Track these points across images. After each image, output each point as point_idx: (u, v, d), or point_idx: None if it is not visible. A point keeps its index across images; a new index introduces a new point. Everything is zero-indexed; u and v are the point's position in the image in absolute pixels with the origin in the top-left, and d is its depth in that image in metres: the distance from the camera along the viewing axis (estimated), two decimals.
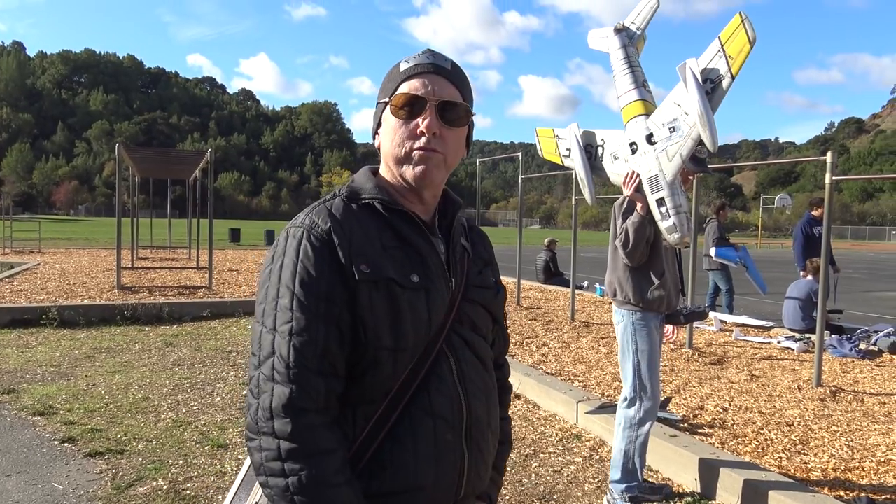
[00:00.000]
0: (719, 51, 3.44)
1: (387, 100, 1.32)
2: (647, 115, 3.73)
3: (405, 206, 1.33)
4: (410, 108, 1.29)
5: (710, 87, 3.43)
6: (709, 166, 3.91)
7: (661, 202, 3.56)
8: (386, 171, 1.37)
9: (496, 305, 1.49)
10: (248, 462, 1.47)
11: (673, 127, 3.51)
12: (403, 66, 1.32)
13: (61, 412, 5.15)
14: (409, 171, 1.30)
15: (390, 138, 1.31)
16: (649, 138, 3.64)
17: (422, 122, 1.28)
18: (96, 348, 7.46)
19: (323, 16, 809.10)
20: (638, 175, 3.64)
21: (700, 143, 3.41)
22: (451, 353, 1.31)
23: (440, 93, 1.30)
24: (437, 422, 1.26)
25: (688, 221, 3.57)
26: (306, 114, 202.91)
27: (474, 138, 1.44)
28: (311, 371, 1.17)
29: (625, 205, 3.81)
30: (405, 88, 1.30)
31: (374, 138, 1.40)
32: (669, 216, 3.55)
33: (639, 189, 3.64)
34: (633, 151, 3.74)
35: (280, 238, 1.28)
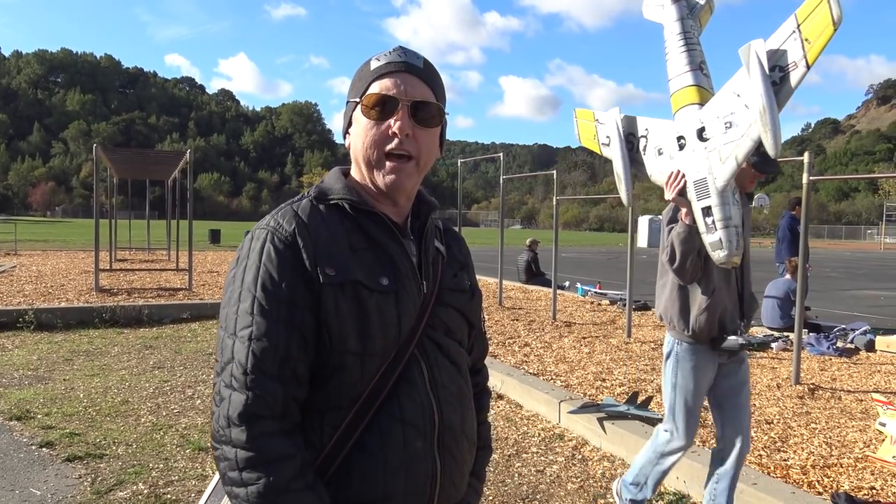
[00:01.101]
0: (794, 31, 2.82)
1: (357, 99, 1.29)
2: (701, 104, 3.15)
3: (376, 207, 1.30)
4: (382, 108, 1.25)
5: (779, 77, 2.84)
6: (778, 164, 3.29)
7: (706, 211, 3.01)
8: (356, 171, 1.34)
9: (472, 309, 1.44)
10: None
11: (729, 122, 2.94)
12: (374, 64, 1.28)
13: (39, 416, 5.08)
14: (381, 179, 1.27)
15: (361, 139, 1.28)
16: (700, 133, 3.07)
17: (394, 124, 1.25)
18: (74, 351, 7.36)
19: (303, 15, 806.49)
20: (683, 176, 3.10)
21: (759, 144, 2.85)
22: (424, 358, 1.28)
23: (412, 92, 1.26)
24: (406, 429, 1.23)
25: (738, 237, 2.98)
26: (287, 114, 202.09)
27: (456, 139, 1.46)
28: (270, 377, 1.14)
29: (670, 213, 3.26)
30: (376, 88, 1.26)
31: (344, 137, 1.37)
32: (715, 229, 2.97)
33: (683, 193, 3.11)
34: (681, 147, 3.17)
35: (245, 240, 1.26)
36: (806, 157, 6.02)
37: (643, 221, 48.18)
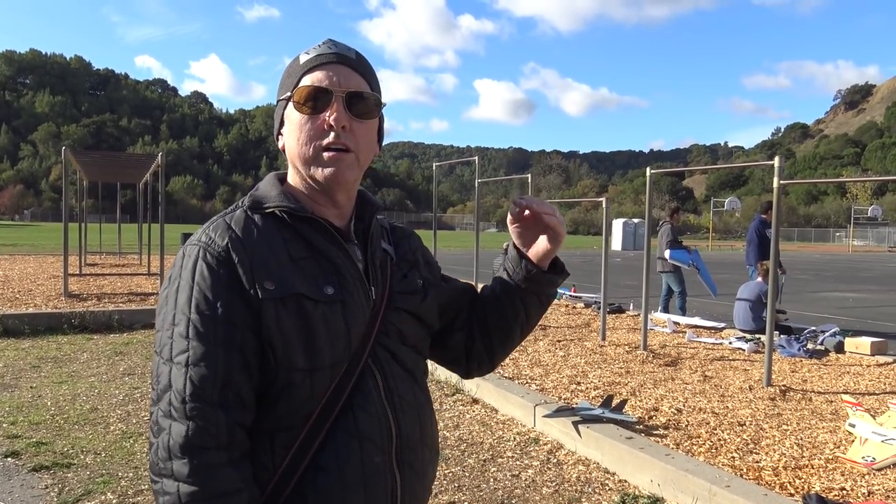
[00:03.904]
0: None
1: (288, 95, 1.22)
2: None
3: (316, 212, 1.23)
4: (315, 101, 1.18)
5: None
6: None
7: None
8: (293, 174, 1.26)
9: (425, 310, 1.36)
10: None
11: None
12: (304, 58, 1.22)
13: (4, 425, 4.97)
14: (320, 173, 1.20)
15: (296, 137, 1.20)
16: None
17: (329, 116, 1.18)
18: (42, 358, 7.22)
19: (276, 17, 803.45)
20: None
21: None
22: (377, 367, 1.22)
23: (346, 83, 1.20)
24: (363, 444, 1.18)
25: None
26: (261, 116, 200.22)
27: (431, 142, 1.40)
28: (211, 404, 1.08)
29: None
30: (308, 81, 1.19)
31: (277, 139, 1.28)
32: None
33: None
34: None
35: (177, 257, 1.18)
36: (777, 162, 6.10)
37: (617, 224, 48.59)
